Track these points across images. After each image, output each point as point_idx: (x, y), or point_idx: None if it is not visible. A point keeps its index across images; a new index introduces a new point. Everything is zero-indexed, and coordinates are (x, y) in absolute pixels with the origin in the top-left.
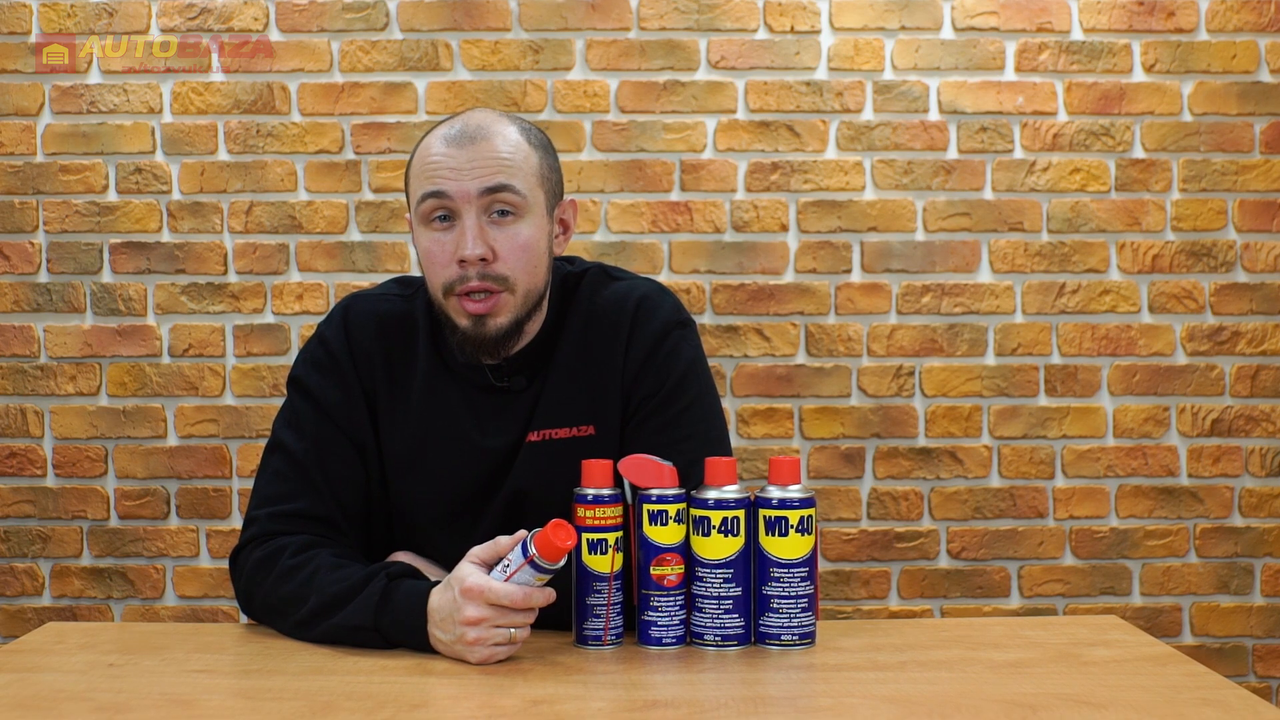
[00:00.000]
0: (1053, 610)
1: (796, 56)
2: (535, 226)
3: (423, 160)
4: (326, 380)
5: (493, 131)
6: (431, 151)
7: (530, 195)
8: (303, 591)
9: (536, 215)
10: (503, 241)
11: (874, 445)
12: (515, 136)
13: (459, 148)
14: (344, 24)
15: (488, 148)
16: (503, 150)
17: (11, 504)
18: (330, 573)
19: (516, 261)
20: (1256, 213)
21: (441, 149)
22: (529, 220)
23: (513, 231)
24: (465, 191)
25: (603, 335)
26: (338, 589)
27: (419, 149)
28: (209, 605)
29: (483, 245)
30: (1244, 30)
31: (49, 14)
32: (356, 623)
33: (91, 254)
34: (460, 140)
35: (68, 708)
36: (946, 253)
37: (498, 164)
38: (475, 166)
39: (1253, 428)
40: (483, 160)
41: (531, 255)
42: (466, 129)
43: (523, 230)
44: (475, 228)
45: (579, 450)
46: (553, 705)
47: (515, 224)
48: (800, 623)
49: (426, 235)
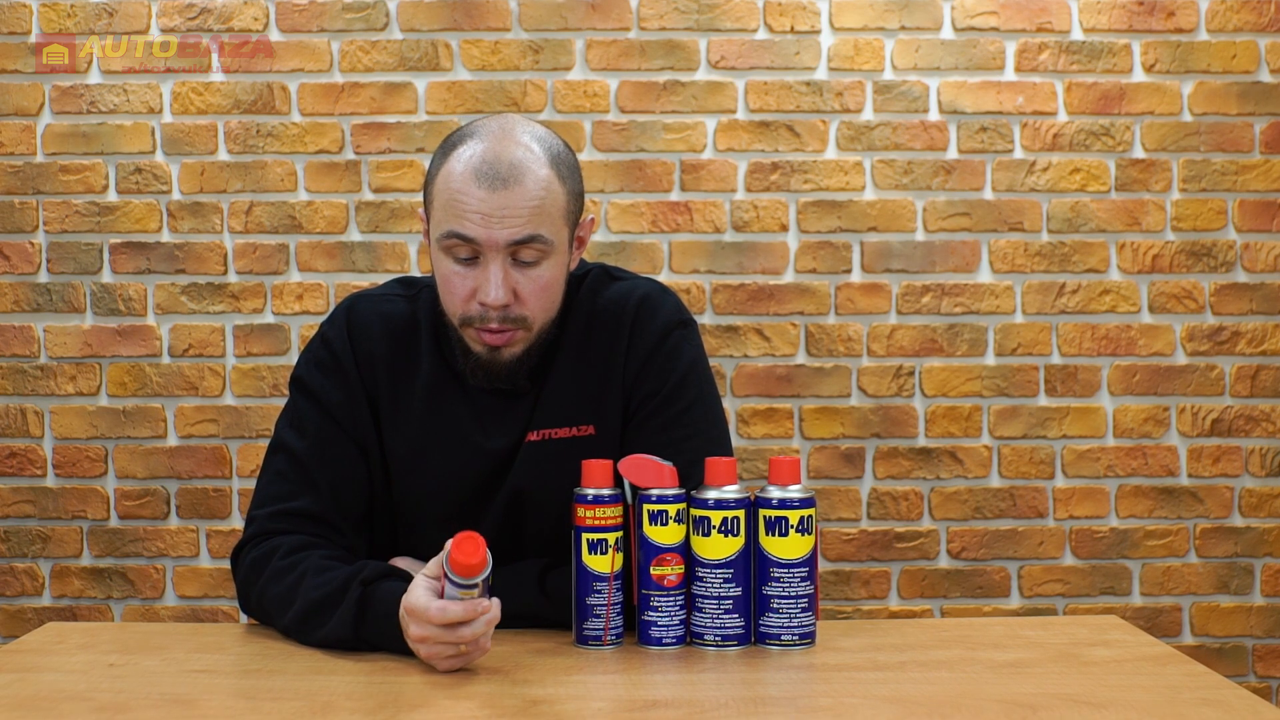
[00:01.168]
0: (1053, 610)
1: (796, 56)
2: (557, 264)
3: (450, 191)
4: (329, 380)
5: (525, 170)
6: (460, 188)
7: (556, 237)
8: (290, 594)
9: (560, 253)
10: (525, 285)
11: (874, 445)
12: (546, 173)
13: (490, 190)
14: (344, 24)
15: (521, 194)
16: (534, 195)
17: (11, 504)
18: (315, 576)
19: (536, 302)
20: (1256, 213)
21: (472, 189)
22: (552, 260)
23: (536, 275)
24: (494, 240)
25: (604, 335)
26: (319, 594)
27: (443, 170)
28: (209, 605)
29: (506, 293)
30: (1244, 30)
31: (49, 14)
32: (340, 635)
33: (91, 254)
34: (492, 181)
35: (68, 708)
36: (946, 253)
37: (528, 212)
38: (506, 215)
39: (1253, 428)
40: (514, 209)
41: (551, 294)
42: (499, 168)
43: (545, 272)
44: (500, 274)
45: (579, 450)
46: (553, 705)
47: (539, 266)
48: (800, 623)
49: (446, 263)
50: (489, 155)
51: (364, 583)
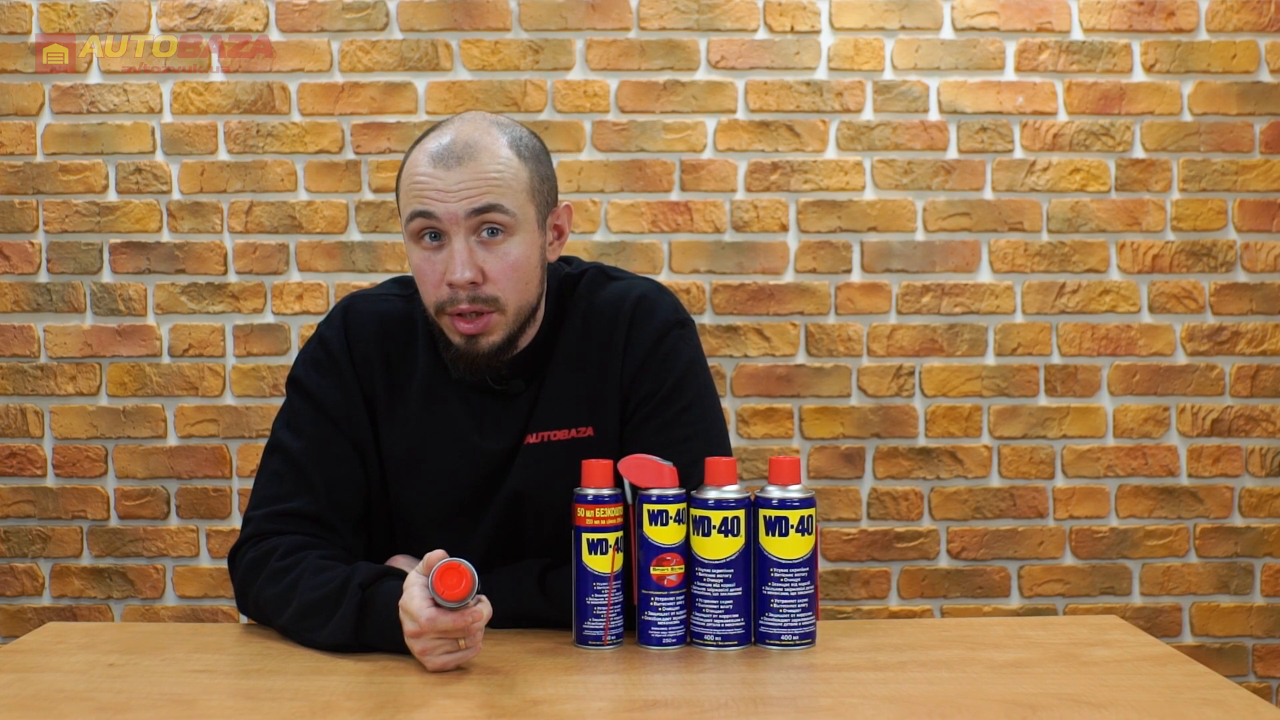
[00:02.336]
0: (1053, 610)
1: (796, 56)
2: (526, 243)
3: (410, 177)
4: (326, 380)
5: (480, 148)
6: (419, 170)
7: (520, 212)
8: (287, 595)
9: (527, 231)
10: (492, 262)
11: (874, 445)
12: (504, 152)
13: (446, 168)
14: (344, 24)
15: (475, 167)
16: (491, 169)
17: (11, 504)
18: (312, 577)
19: (506, 281)
20: (1256, 213)
21: (428, 169)
22: (519, 238)
23: (502, 251)
24: (452, 213)
25: (601, 336)
26: (316, 596)
27: (407, 162)
28: (209, 605)
29: (472, 269)
30: (1244, 30)
31: (49, 14)
32: (340, 639)
33: (91, 254)
34: (447, 159)
35: (68, 708)
36: (946, 253)
37: (486, 184)
38: (463, 187)
39: (1253, 428)
40: (470, 180)
41: (522, 273)
42: (454, 147)
43: (513, 249)
44: (464, 251)
45: (578, 451)
46: (553, 705)
47: (505, 243)
48: (800, 623)
49: (417, 252)
50: (446, 140)
51: (362, 586)
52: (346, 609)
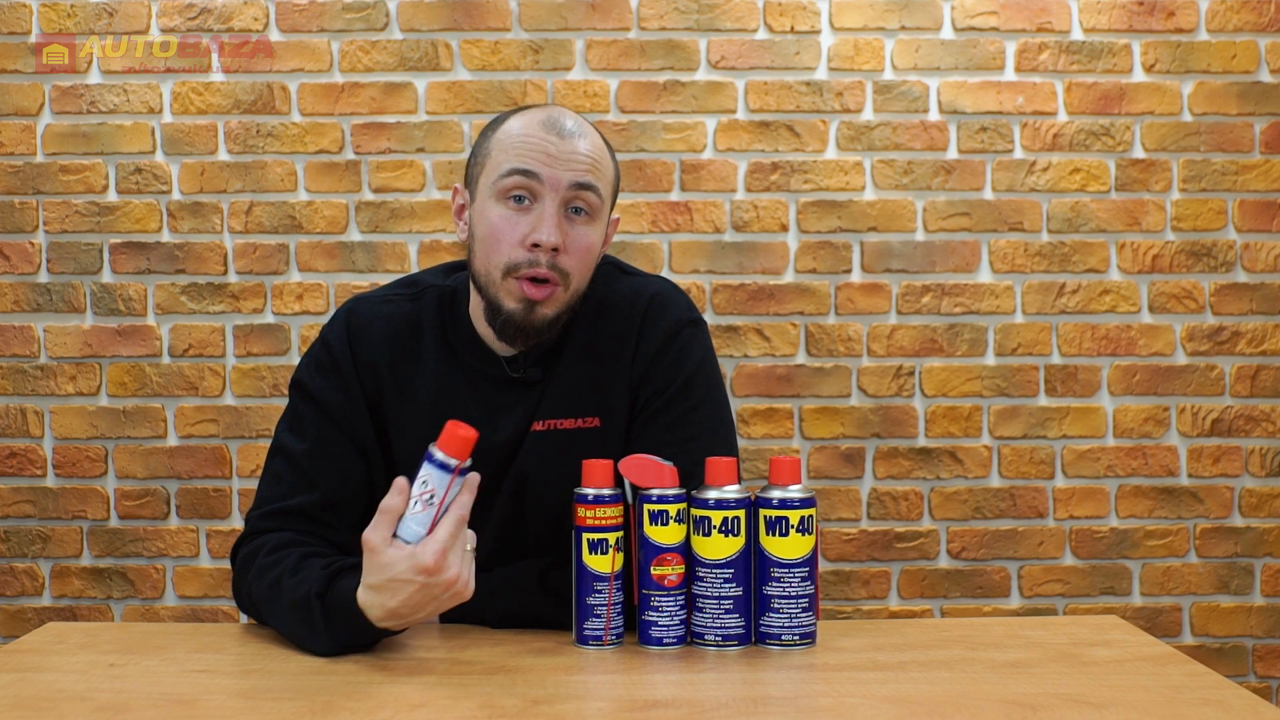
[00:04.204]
0: (1053, 610)
1: (796, 56)
2: (599, 232)
3: (514, 136)
4: (328, 382)
5: (589, 131)
6: (528, 132)
7: (605, 202)
8: (272, 593)
9: (601, 222)
10: (573, 238)
11: (874, 445)
12: (601, 142)
13: (560, 136)
14: (344, 24)
15: (583, 144)
16: (594, 150)
17: (11, 504)
18: (291, 577)
19: (579, 261)
20: (1256, 213)
21: (540, 132)
22: (596, 225)
23: (583, 232)
24: (556, 179)
25: (613, 329)
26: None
27: (506, 125)
28: (209, 605)
29: (560, 235)
30: (1244, 30)
31: (49, 14)
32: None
33: (91, 254)
34: (560, 129)
35: (68, 708)
36: (946, 253)
37: (591, 163)
38: (571, 159)
39: (1253, 428)
40: (578, 155)
41: (590, 258)
42: (564, 122)
43: (591, 233)
44: (556, 217)
45: (583, 441)
46: (553, 705)
47: (586, 225)
48: (800, 623)
49: (498, 210)
50: (557, 115)
51: (319, 596)
52: (318, 624)
